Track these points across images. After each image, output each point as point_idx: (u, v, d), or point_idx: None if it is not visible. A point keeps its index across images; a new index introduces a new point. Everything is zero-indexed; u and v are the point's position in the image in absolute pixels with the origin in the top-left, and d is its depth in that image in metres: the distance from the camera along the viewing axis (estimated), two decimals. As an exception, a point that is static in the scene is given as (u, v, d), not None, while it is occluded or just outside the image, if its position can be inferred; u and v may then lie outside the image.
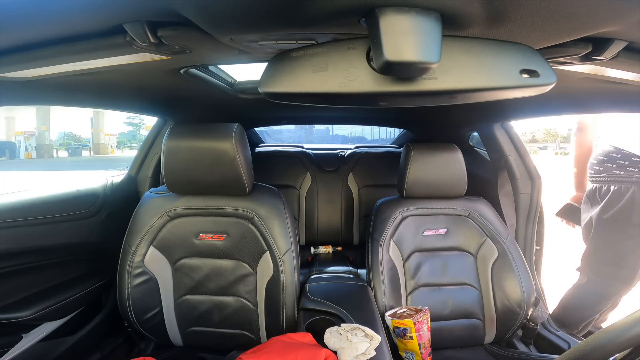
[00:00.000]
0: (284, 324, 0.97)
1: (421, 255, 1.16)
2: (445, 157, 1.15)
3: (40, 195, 1.02)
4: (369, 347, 0.75)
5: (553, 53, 0.52)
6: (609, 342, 0.42)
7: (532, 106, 1.04)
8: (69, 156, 21.60)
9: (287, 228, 0.98)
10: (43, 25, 0.47)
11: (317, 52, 0.43)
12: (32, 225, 0.96)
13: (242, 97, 1.01)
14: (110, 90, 0.84)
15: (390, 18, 0.35)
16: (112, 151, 24.48)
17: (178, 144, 0.91)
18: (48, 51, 0.52)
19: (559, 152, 31.64)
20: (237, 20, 0.43)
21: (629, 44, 0.49)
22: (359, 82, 0.42)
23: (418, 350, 0.96)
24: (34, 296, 0.96)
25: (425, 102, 0.47)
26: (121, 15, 0.44)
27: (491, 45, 0.42)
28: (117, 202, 1.22)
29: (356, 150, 1.99)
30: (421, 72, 0.40)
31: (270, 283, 0.97)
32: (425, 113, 1.38)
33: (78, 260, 1.11)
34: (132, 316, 0.99)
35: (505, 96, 0.45)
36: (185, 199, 1.00)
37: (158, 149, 1.36)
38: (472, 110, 1.19)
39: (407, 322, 0.94)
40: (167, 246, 0.99)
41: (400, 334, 0.96)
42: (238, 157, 0.89)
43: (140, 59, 0.57)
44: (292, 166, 1.89)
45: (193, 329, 1.03)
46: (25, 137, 19.47)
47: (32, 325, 0.95)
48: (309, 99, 0.45)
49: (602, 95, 0.83)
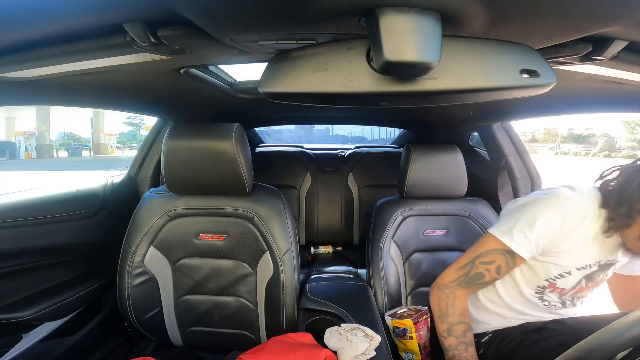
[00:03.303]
0: (284, 324, 0.97)
1: (421, 256, 1.16)
2: (446, 158, 1.15)
3: (40, 195, 1.02)
4: (369, 347, 0.75)
5: (553, 53, 0.52)
6: (609, 342, 0.42)
7: (532, 106, 1.04)
8: (69, 156, 21.58)
9: (287, 228, 0.98)
10: (43, 25, 0.47)
11: (317, 52, 0.43)
12: (32, 225, 0.96)
13: (242, 97, 1.01)
14: (110, 90, 0.84)
15: (391, 18, 0.35)
16: (112, 151, 24.48)
17: (178, 144, 0.91)
18: (48, 51, 0.52)
19: (559, 152, 31.69)
20: (237, 20, 0.43)
21: (629, 44, 0.49)
22: (359, 82, 0.42)
23: (418, 350, 0.96)
24: (34, 296, 0.96)
25: (425, 102, 0.47)
26: (121, 15, 0.44)
27: (491, 45, 0.42)
28: (117, 202, 1.22)
29: (356, 151, 1.99)
30: (421, 72, 0.40)
31: (270, 283, 0.97)
32: (425, 113, 1.38)
33: (78, 260, 1.11)
34: (132, 316, 0.99)
35: (505, 96, 0.45)
36: (185, 199, 1.00)
37: (158, 149, 1.36)
38: (472, 110, 1.19)
39: (407, 322, 0.94)
40: (167, 246, 0.99)
41: (400, 334, 0.96)
42: (238, 157, 0.89)
43: (140, 59, 0.57)
44: (292, 166, 1.89)
45: (193, 329, 1.03)
46: (25, 137, 19.46)
47: (32, 325, 0.95)
48: (309, 99, 0.45)
49: (602, 95, 0.83)
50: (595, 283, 0.80)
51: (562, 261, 0.76)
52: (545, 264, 0.77)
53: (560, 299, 0.82)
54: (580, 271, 0.76)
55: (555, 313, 0.84)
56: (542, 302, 0.82)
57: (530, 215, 0.74)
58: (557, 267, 0.76)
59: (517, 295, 0.84)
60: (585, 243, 0.74)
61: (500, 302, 0.86)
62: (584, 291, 0.81)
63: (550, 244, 0.74)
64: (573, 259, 0.75)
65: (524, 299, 0.83)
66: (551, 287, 0.79)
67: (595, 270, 0.77)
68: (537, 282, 0.80)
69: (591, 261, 0.76)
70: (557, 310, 0.84)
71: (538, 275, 0.79)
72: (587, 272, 0.77)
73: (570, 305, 0.83)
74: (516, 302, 0.84)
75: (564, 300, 0.82)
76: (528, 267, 0.80)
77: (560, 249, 0.75)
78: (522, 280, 0.82)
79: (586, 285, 0.79)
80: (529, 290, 0.82)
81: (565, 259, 0.75)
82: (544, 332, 0.77)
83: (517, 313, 0.86)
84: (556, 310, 0.83)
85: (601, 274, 0.79)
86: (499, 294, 0.86)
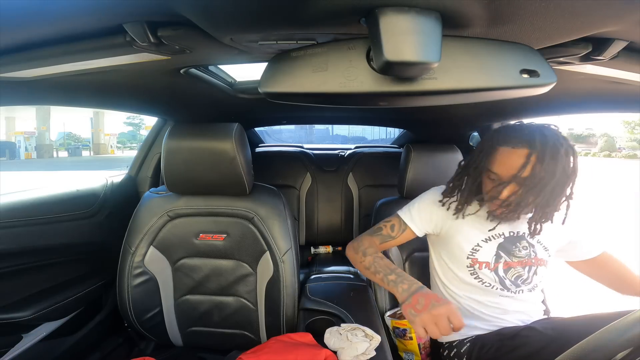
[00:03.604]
0: (284, 324, 0.97)
1: (421, 255, 1.16)
2: (446, 158, 1.15)
3: (40, 195, 1.02)
4: (369, 347, 0.75)
5: (553, 53, 0.52)
6: (610, 342, 0.42)
7: (532, 106, 1.04)
8: (69, 156, 21.59)
9: (287, 228, 0.98)
10: (43, 25, 0.47)
11: (317, 52, 0.43)
12: (32, 225, 0.96)
13: (242, 97, 1.01)
14: (110, 90, 0.84)
15: (391, 18, 0.35)
16: (112, 151, 24.49)
17: (178, 144, 0.91)
18: (48, 51, 0.52)
19: (559, 152, 31.51)
20: (237, 20, 0.43)
21: (629, 44, 0.49)
22: (359, 82, 0.42)
23: (418, 350, 0.96)
24: (34, 296, 0.96)
25: (425, 102, 0.47)
26: (121, 15, 0.44)
27: (491, 45, 0.42)
28: (117, 202, 1.22)
29: (356, 151, 1.99)
30: (421, 72, 0.40)
31: (270, 283, 0.97)
32: (425, 113, 1.38)
33: (78, 260, 1.11)
34: (132, 316, 0.99)
35: (505, 96, 0.45)
36: (185, 199, 1.00)
37: (158, 149, 1.36)
38: (472, 110, 1.19)
39: (407, 323, 0.94)
40: (167, 246, 0.99)
41: (399, 335, 0.96)
42: (238, 157, 0.89)
43: (140, 59, 0.57)
44: (292, 166, 1.88)
45: (193, 329, 1.03)
46: (25, 137, 19.47)
47: (32, 325, 0.95)
48: (309, 99, 0.45)
49: (602, 95, 0.83)
50: (521, 260, 0.89)
51: (462, 235, 0.90)
52: (451, 239, 0.92)
53: (496, 277, 0.89)
54: (488, 243, 0.89)
55: (506, 296, 0.89)
56: (482, 282, 0.90)
57: (416, 199, 0.99)
58: (464, 240, 0.90)
59: (458, 282, 0.93)
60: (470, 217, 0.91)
61: (452, 293, 0.95)
62: (516, 267, 0.89)
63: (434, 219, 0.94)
64: (472, 230, 0.90)
65: (464, 283, 0.92)
66: (476, 263, 0.90)
67: (502, 241, 0.89)
68: (462, 260, 0.91)
69: (491, 233, 0.89)
70: (503, 292, 0.89)
71: (456, 254, 0.92)
72: (496, 242, 0.89)
73: (513, 286, 0.88)
74: (460, 289, 0.93)
75: (501, 278, 0.88)
76: (446, 249, 0.95)
77: (452, 224, 0.92)
78: (452, 263, 0.94)
79: (510, 259, 0.89)
80: (462, 273, 0.92)
81: (464, 231, 0.90)
82: (518, 339, 0.80)
83: (471, 301, 0.92)
84: (502, 291, 0.89)
85: (517, 247, 0.89)
86: (445, 285, 0.96)
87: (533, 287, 0.90)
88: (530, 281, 0.89)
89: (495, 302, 0.89)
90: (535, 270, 0.90)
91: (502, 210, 0.82)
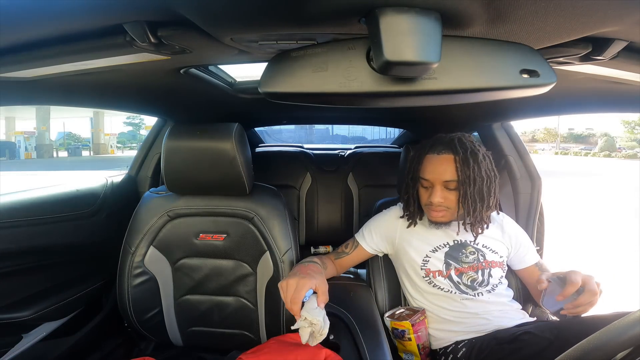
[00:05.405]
0: (284, 324, 0.97)
1: None
2: None
3: (40, 195, 1.02)
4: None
5: (553, 53, 0.52)
6: (610, 342, 0.42)
7: (532, 106, 1.04)
8: (69, 156, 21.59)
9: (287, 228, 0.98)
10: (43, 25, 0.46)
11: (317, 52, 0.43)
12: (32, 225, 0.96)
13: (242, 97, 1.01)
14: (110, 90, 0.84)
15: (390, 18, 0.35)
16: (112, 151, 24.49)
17: (178, 144, 0.91)
18: (48, 51, 0.52)
19: (559, 152, 31.70)
20: (237, 20, 0.43)
21: (629, 44, 0.49)
22: (359, 82, 0.42)
23: (417, 351, 0.95)
24: (34, 296, 0.96)
25: (425, 102, 0.47)
26: (121, 15, 0.44)
27: (491, 45, 0.42)
28: (117, 202, 1.22)
29: (356, 151, 1.99)
30: (421, 72, 0.40)
31: (270, 283, 0.97)
32: (425, 113, 1.38)
33: (78, 260, 1.11)
34: (132, 316, 0.99)
35: (505, 96, 0.45)
36: (185, 199, 1.00)
37: (158, 149, 1.36)
38: (472, 110, 1.19)
39: (405, 324, 0.94)
40: (167, 246, 0.99)
41: (398, 335, 0.96)
42: (238, 157, 0.89)
43: (140, 59, 0.57)
44: (292, 166, 1.88)
45: (193, 328, 1.03)
46: (25, 137, 19.48)
47: (32, 325, 0.95)
48: (309, 99, 0.45)
49: (602, 95, 0.83)
50: (471, 265, 0.94)
51: (412, 248, 0.97)
52: (405, 255, 0.98)
53: (451, 283, 0.93)
54: (436, 253, 0.95)
55: (467, 299, 0.93)
56: (440, 289, 0.94)
57: (370, 220, 1.07)
58: (414, 253, 0.96)
59: (422, 292, 0.98)
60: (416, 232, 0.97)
61: (420, 302, 0.99)
62: (468, 271, 0.94)
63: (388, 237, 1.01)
64: (420, 244, 0.96)
65: (426, 292, 0.97)
66: (430, 273, 0.95)
67: (448, 250, 0.95)
68: (418, 271, 0.97)
69: (436, 244, 0.95)
70: (462, 295, 0.93)
71: (412, 267, 0.97)
72: (443, 251, 0.95)
73: (470, 289, 0.93)
74: (426, 298, 0.97)
75: (456, 284, 0.93)
76: (403, 264, 1.00)
77: (402, 240, 0.98)
78: (412, 275, 0.99)
79: (460, 265, 0.94)
80: (422, 283, 0.97)
81: (413, 245, 0.97)
82: (517, 342, 0.80)
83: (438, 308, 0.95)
84: (461, 294, 0.93)
85: (463, 253, 0.94)
86: (413, 297, 1.01)
87: (492, 288, 0.94)
88: (487, 283, 0.94)
89: (459, 306, 0.93)
90: (490, 272, 0.94)
91: (436, 214, 0.90)
